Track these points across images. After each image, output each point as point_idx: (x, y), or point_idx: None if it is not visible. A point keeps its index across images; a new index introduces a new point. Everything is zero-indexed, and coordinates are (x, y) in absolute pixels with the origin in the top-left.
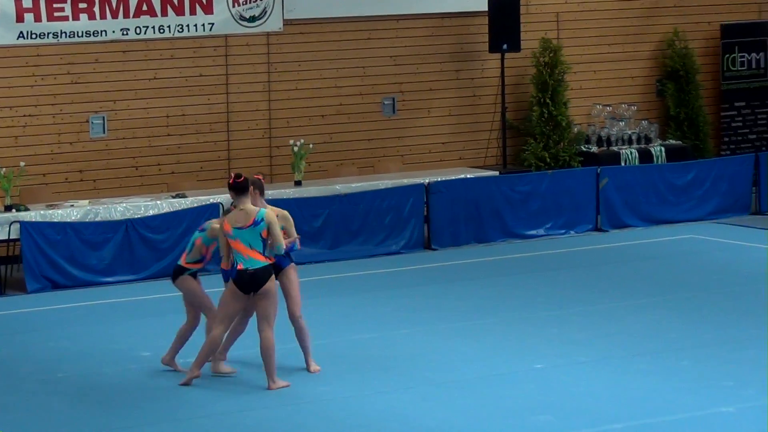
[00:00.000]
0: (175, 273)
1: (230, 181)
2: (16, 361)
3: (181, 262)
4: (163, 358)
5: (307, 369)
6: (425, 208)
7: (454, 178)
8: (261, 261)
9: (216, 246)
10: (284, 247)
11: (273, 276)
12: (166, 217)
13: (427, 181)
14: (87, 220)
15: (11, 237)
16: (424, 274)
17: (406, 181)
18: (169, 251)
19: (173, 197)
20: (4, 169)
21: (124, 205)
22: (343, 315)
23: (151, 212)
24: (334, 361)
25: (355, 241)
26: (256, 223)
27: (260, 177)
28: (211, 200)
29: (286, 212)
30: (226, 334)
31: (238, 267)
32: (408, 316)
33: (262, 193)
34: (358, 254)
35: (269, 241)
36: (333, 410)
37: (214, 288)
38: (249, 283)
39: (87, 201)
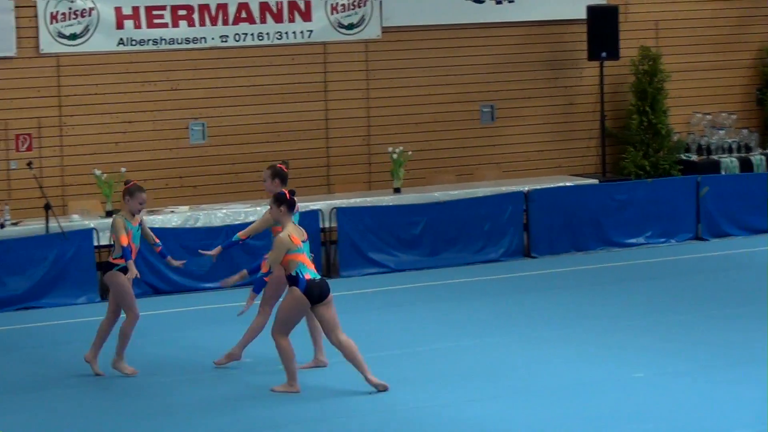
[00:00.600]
0: (105, 269)
1: (288, 198)
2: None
3: (110, 258)
4: (86, 356)
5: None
6: (524, 216)
7: (553, 186)
8: (317, 273)
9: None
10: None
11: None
12: None
13: (526, 189)
14: (187, 225)
15: (112, 243)
16: (522, 282)
17: (504, 189)
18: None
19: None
20: (105, 174)
21: (224, 211)
22: (440, 322)
23: (250, 219)
24: (429, 368)
25: (453, 249)
26: (308, 237)
27: (283, 166)
28: (310, 207)
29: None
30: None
31: (307, 277)
32: (504, 324)
33: (283, 182)
34: (456, 261)
35: None
36: (426, 418)
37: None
38: (319, 294)
39: (187, 207)
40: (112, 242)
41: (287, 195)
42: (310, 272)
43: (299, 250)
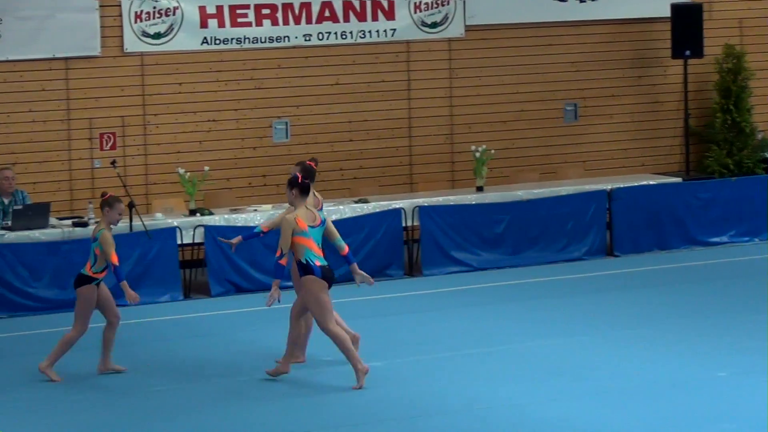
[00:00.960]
0: (80, 281)
1: (299, 181)
2: (201, 363)
3: (87, 270)
4: (41, 365)
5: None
6: (607, 215)
7: (636, 184)
8: (324, 259)
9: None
10: None
11: None
12: (348, 222)
13: (609, 187)
14: None
15: (196, 241)
16: (604, 281)
17: (587, 188)
18: (351, 256)
19: (355, 202)
20: (188, 173)
21: None
22: (522, 321)
23: (333, 217)
24: (512, 366)
25: (536, 247)
26: (322, 223)
27: (312, 164)
28: (393, 205)
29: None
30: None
31: (317, 263)
32: (587, 323)
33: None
34: (538, 260)
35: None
36: (510, 416)
37: None
38: (332, 277)
39: (270, 205)
40: (96, 254)
41: (299, 178)
42: (319, 259)
43: (305, 234)
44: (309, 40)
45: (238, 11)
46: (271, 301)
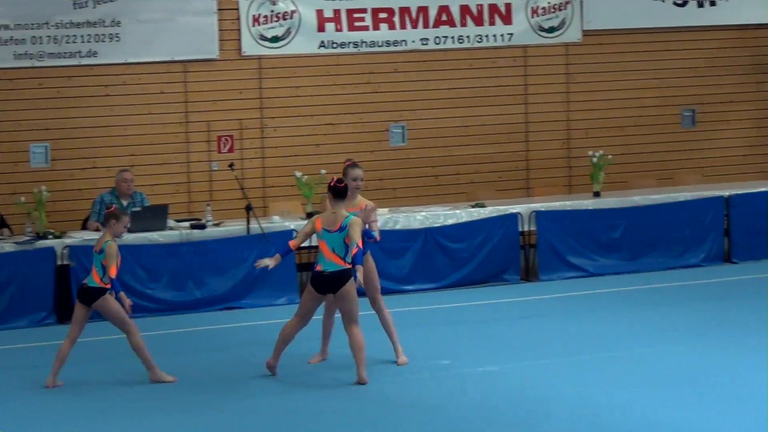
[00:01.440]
0: (95, 294)
1: (331, 184)
2: (316, 366)
3: (98, 283)
4: (150, 378)
5: (396, 359)
6: (725, 221)
7: (755, 191)
8: (339, 265)
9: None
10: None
11: (351, 279)
12: (465, 227)
13: (727, 194)
14: (386, 228)
15: (312, 244)
16: (722, 288)
17: (705, 194)
18: (467, 261)
19: (472, 207)
20: (305, 176)
21: (424, 213)
22: (638, 326)
23: (449, 221)
24: (627, 372)
25: (653, 253)
26: (341, 229)
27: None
28: (510, 210)
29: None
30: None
31: (317, 268)
32: (704, 330)
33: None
34: (655, 266)
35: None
36: (625, 422)
37: None
38: (324, 284)
39: (387, 209)
40: (103, 265)
41: (332, 182)
42: (322, 263)
43: (319, 235)
44: (426, 44)
45: (356, 15)
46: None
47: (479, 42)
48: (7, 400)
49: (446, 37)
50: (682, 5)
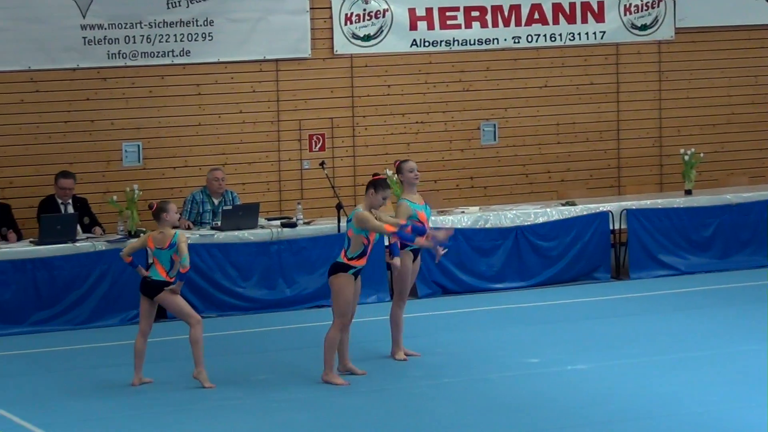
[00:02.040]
0: (160, 287)
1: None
2: (406, 364)
3: (164, 277)
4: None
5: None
6: None
7: None
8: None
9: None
10: None
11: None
12: (556, 225)
13: None
14: (477, 226)
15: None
16: None
17: None
18: (558, 259)
19: (562, 205)
20: (396, 175)
21: (514, 212)
22: (730, 326)
23: (540, 219)
24: (718, 371)
25: (745, 252)
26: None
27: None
28: (601, 208)
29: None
30: None
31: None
32: None
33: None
34: (747, 265)
35: None
36: (714, 421)
37: None
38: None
39: (477, 208)
40: (173, 260)
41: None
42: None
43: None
44: (518, 42)
45: (448, 13)
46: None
47: (571, 40)
48: (96, 397)
49: (538, 35)
50: None
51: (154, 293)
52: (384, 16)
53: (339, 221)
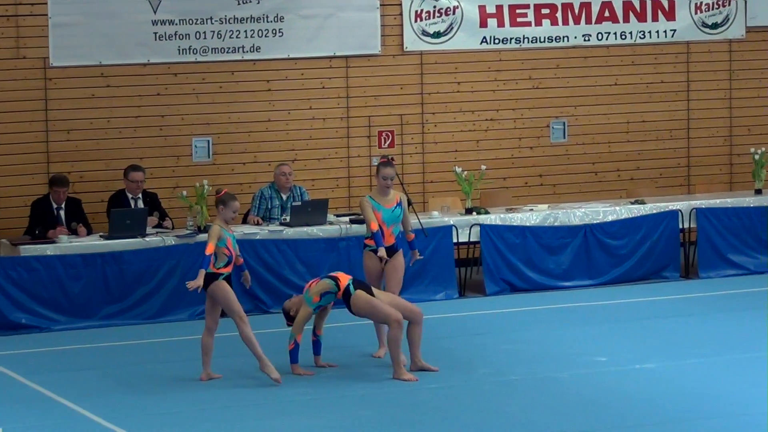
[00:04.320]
0: (206, 280)
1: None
2: (474, 362)
3: (210, 268)
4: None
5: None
6: None
7: None
8: None
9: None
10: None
11: None
12: (625, 223)
13: None
14: (546, 224)
15: (472, 239)
16: None
17: None
18: (626, 258)
19: (632, 203)
20: (465, 172)
21: (583, 210)
22: None
23: (609, 218)
24: None
25: None
26: None
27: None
28: (670, 207)
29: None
30: None
31: None
32: None
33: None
34: None
35: None
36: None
37: None
38: None
39: (546, 205)
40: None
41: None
42: None
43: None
44: (588, 40)
45: (518, 11)
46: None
47: (642, 38)
48: (164, 393)
49: (608, 33)
50: None
51: (204, 285)
52: (454, 13)
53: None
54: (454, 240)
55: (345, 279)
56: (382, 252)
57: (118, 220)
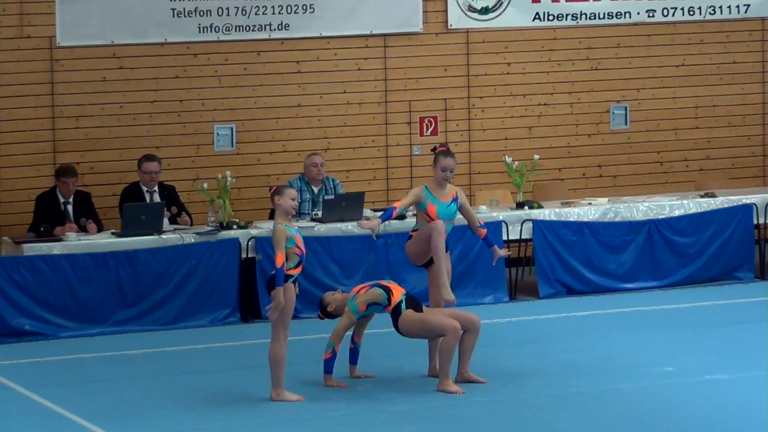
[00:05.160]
0: (272, 283)
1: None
2: (526, 373)
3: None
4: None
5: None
6: None
7: None
8: None
9: None
10: None
11: None
12: (693, 219)
13: None
14: (606, 219)
15: (523, 237)
16: None
17: None
18: (695, 256)
19: (701, 197)
20: (516, 162)
21: (647, 204)
22: None
23: (676, 212)
24: None
25: None
26: None
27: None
28: (744, 200)
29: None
30: None
31: None
32: None
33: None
34: None
35: None
36: None
37: None
38: None
39: (606, 199)
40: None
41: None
42: None
43: None
44: (652, 16)
45: None
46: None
47: (712, 14)
48: (183, 407)
49: (675, 8)
50: None
51: (270, 288)
52: None
53: None
54: (504, 237)
55: (398, 293)
56: (372, 224)
57: (132, 215)
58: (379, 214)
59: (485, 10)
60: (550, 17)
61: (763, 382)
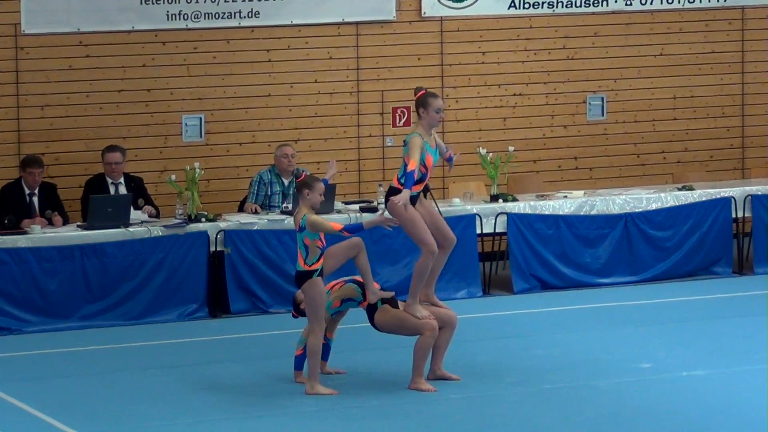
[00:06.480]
0: (300, 279)
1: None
2: (500, 369)
3: (302, 266)
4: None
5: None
6: None
7: None
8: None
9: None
10: None
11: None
12: (671, 212)
13: None
14: (582, 213)
15: (497, 230)
16: None
17: None
18: (673, 251)
19: (679, 189)
20: (490, 154)
21: (624, 197)
22: None
23: (653, 206)
24: None
25: None
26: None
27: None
28: (722, 194)
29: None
30: None
31: None
32: None
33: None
34: None
35: None
36: None
37: None
38: None
39: (582, 192)
40: (305, 244)
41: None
42: None
43: None
44: (630, 4)
45: None
46: None
47: (690, 2)
48: (151, 403)
49: None
50: None
51: (299, 284)
52: None
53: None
54: (478, 231)
55: None
56: (405, 195)
57: (98, 207)
58: (401, 183)
59: None
60: (526, 5)
61: (741, 379)
